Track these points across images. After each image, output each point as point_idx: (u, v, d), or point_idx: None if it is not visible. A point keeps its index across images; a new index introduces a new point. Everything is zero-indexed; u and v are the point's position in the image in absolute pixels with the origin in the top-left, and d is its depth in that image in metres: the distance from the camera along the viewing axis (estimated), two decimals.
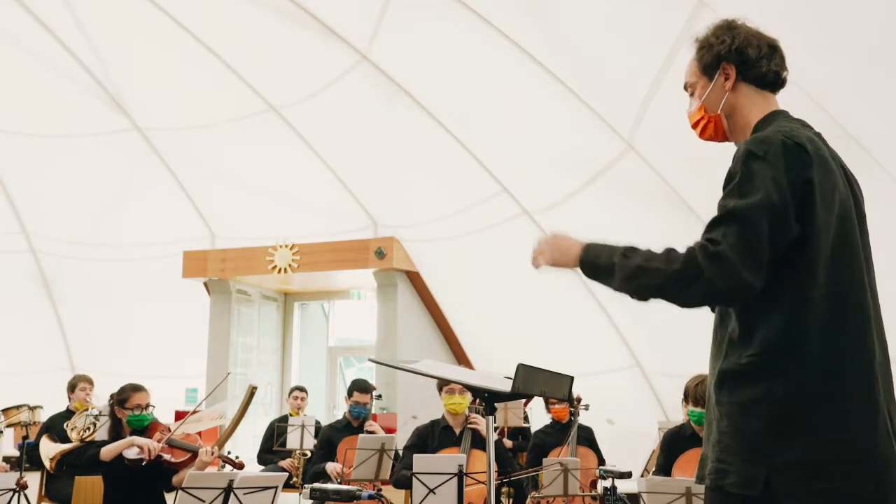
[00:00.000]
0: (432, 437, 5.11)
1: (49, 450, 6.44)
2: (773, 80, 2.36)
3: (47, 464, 6.57)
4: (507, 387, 2.13)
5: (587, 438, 6.28)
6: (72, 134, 12.44)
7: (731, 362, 2.12)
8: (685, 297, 2.12)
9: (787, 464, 1.98)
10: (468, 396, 5.07)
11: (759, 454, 2.01)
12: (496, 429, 7.23)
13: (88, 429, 6.37)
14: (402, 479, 4.99)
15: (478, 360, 12.52)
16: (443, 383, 5.08)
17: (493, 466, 2.39)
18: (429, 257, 12.17)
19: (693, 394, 4.82)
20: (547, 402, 6.44)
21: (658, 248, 2.21)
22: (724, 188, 2.13)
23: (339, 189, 12.09)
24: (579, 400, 6.52)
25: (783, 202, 2.04)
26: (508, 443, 8.01)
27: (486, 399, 2.22)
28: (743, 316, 2.12)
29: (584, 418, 6.54)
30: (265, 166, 12.40)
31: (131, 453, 4.63)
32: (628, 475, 4.43)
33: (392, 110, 10.88)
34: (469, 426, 5.03)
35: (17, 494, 3.86)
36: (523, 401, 8.64)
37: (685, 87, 2.49)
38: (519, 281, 11.34)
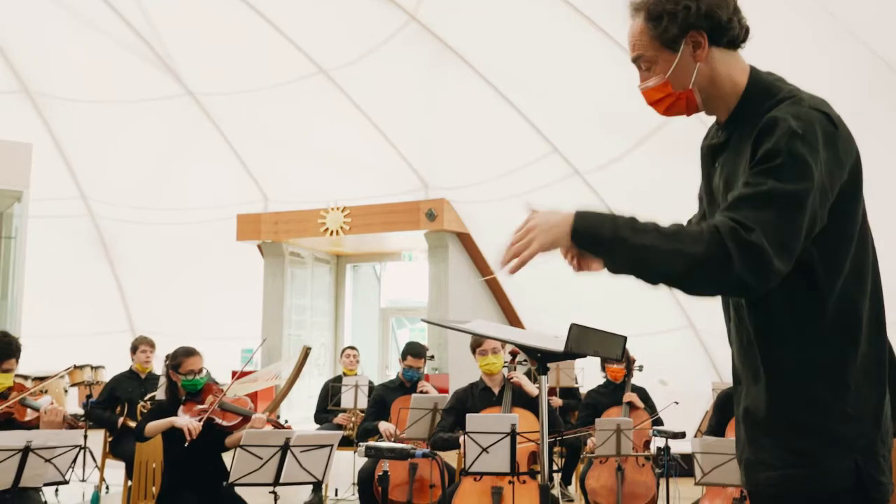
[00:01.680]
0: (472, 398, 5.13)
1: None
2: (744, 36, 2.03)
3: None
4: (559, 347, 2.13)
5: (641, 398, 6.28)
6: (127, 100, 12.63)
7: (778, 357, 1.93)
8: (703, 286, 1.88)
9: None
10: (502, 356, 5.07)
11: (802, 459, 1.88)
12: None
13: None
14: (439, 442, 5.03)
15: (529, 321, 12.54)
16: (475, 345, 5.08)
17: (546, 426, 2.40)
18: (479, 218, 12.17)
19: None
20: (602, 362, 6.43)
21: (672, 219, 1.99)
22: (760, 163, 1.85)
23: (389, 151, 12.11)
24: (633, 360, 6.51)
25: (824, 192, 1.82)
26: (557, 401, 8.02)
27: (539, 359, 2.22)
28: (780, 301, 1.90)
29: (637, 379, 6.53)
30: (316, 129, 12.47)
31: (184, 412, 4.75)
32: (682, 435, 4.43)
33: (441, 71, 10.83)
34: (511, 382, 5.00)
35: (83, 451, 3.99)
36: (574, 361, 8.64)
37: (634, 60, 2.09)
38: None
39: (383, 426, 6.07)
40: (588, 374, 8.60)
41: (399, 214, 12.34)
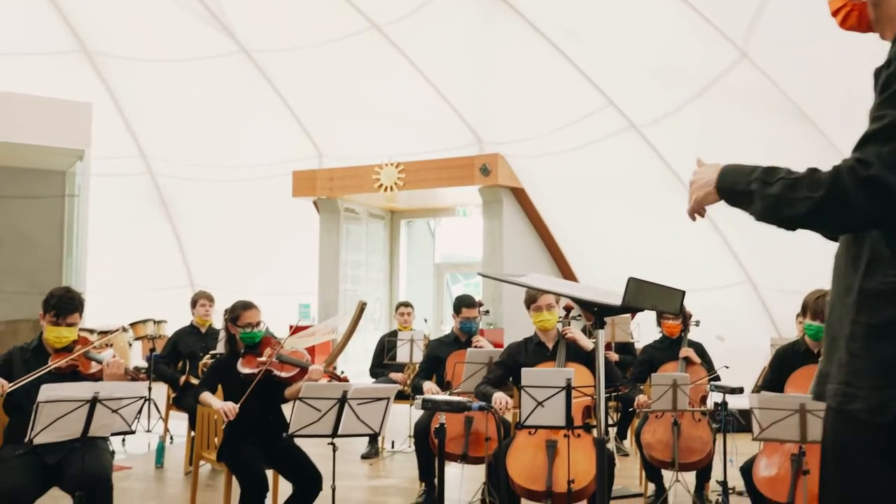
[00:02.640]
0: (525, 352, 5.11)
1: None
2: None
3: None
4: (616, 301, 2.11)
5: (698, 353, 6.22)
6: (182, 58, 12.73)
7: (875, 281, 1.93)
8: (832, 226, 1.97)
9: None
10: (556, 313, 5.04)
11: (892, 380, 1.88)
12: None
13: None
14: (479, 394, 5.04)
15: (584, 276, 12.49)
16: (530, 301, 5.05)
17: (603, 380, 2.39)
18: (534, 173, 12.08)
19: (812, 307, 4.70)
20: (659, 317, 6.38)
21: (784, 163, 2.01)
22: (881, 92, 1.91)
23: (443, 106, 12.05)
24: (689, 315, 6.45)
25: None
26: (613, 356, 8.00)
27: (596, 313, 2.21)
28: (892, 234, 1.92)
29: (693, 334, 6.47)
30: (370, 85, 12.44)
31: (243, 366, 4.84)
32: (740, 391, 4.39)
33: (495, 24, 10.70)
34: (565, 337, 4.98)
35: (147, 402, 4.10)
36: (630, 316, 8.59)
37: None
38: (625, 195, 11.18)
39: (426, 386, 6.12)
40: (644, 329, 8.55)
41: (453, 170, 12.31)
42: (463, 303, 6.45)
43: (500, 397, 4.81)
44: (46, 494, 4.22)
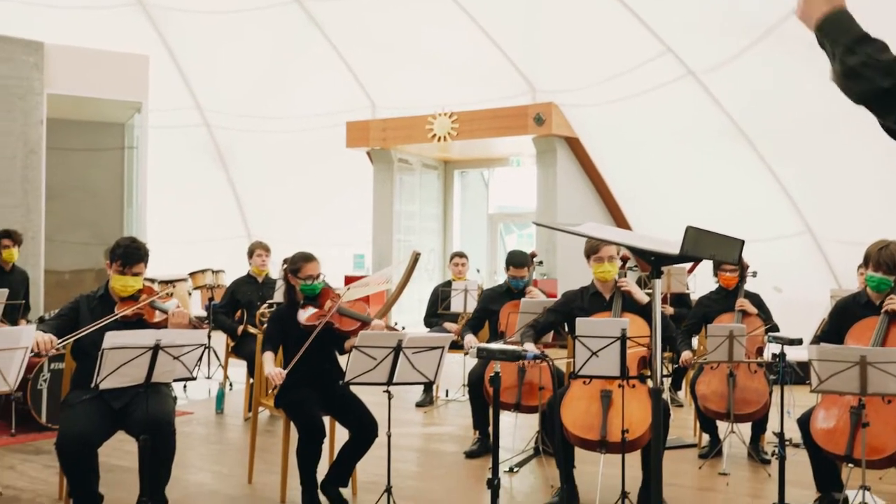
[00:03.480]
0: (582, 301, 5.07)
1: None
2: None
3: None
4: (674, 250, 2.09)
5: (755, 305, 6.14)
6: (236, 9, 12.75)
7: None
8: (886, 116, 1.92)
9: None
10: (617, 264, 4.99)
11: None
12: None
13: None
14: (521, 336, 5.03)
15: (638, 228, 12.36)
16: (591, 251, 4.99)
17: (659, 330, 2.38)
18: (589, 122, 11.92)
19: (875, 258, 4.58)
20: (715, 269, 6.29)
21: (851, 113, 1.98)
22: None
23: (496, 55, 11.91)
24: (746, 266, 6.35)
25: None
26: (668, 309, 7.94)
27: (653, 262, 2.19)
28: None
29: (750, 285, 6.38)
30: (423, 34, 12.35)
31: (304, 316, 4.90)
32: (798, 342, 4.32)
33: None
34: (620, 288, 4.94)
35: (207, 350, 4.19)
36: (687, 268, 8.50)
37: None
38: (682, 145, 10.99)
39: (467, 339, 6.13)
40: (700, 280, 8.46)
41: (506, 119, 12.21)
42: (512, 261, 6.41)
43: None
44: (113, 437, 4.37)
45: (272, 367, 4.79)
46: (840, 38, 1.96)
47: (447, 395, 8.27)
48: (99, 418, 4.21)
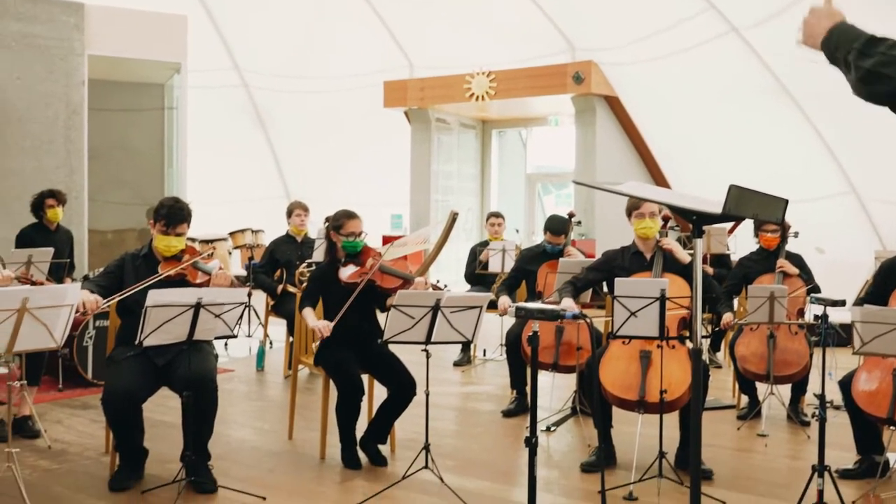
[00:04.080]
0: (622, 261, 5.02)
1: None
2: None
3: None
4: (716, 209, 2.06)
5: (796, 265, 6.05)
6: None
7: None
8: None
9: None
10: (658, 221, 4.92)
11: None
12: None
13: None
14: (559, 292, 4.99)
15: (678, 187, 12.22)
16: (632, 208, 4.92)
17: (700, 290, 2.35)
18: (628, 81, 11.76)
19: None
20: (756, 229, 6.20)
21: None
22: None
23: (534, 12, 11.76)
24: (788, 227, 6.25)
25: None
26: (709, 270, 7.86)
27: (694, 222, 2.16)
28: None
29: (792, 246, 6.28)
30: None
31: (345, 274, 4.92)
32: (841, 303, 4.25)
33: None
34: (662, 247, 4.88)
35: (248, 308, 4.24)
36: (727, 228, 8.39)
37: None
38: (725, 103, 10.81)
39: (501, 300, 6.13)
40: (740, 241, 8.37)
41: (545, 78, 12.08)
42: (550, 228, 6.35)
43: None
44: (157, 393, 4.45)
45: (317, 321, 4.81)
46: (850, 45, 1.94)
47: (485, 355, 8.31)
48: (143, 375, 4.30)
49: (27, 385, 5.11)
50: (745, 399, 6.07)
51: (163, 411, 5.56)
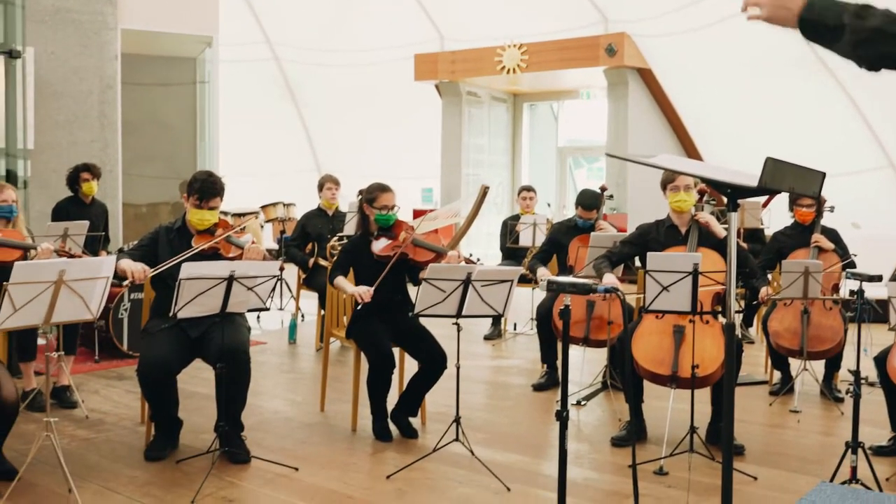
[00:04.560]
0: (656, 235, 4.97)
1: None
2: None
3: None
4: (752, 182, 2.03)
5: (832, 240, 5.97)
6: None
7: None
8: None
9: None
10: (693, 194, 4.86)
11: None
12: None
13: None
14: (596, 268, 4.96)
15: (712, 161, 12.08)
16: (667, 181, 4.86)
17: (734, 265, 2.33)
18: (662, 53, 11.61)
19: None
20: (791, 203, 6.12)
21: None
22: None
23: None
24: (824, 201, 6.17)
25: None
26: (742, 245, 7.78)
27: (729, 195, 2.13)
28: None
29: (826, 220, 6.20)
30: None
31: (378, 247, 4.93)
32: (877, 279, 4.20)
33: None
34: (698, 221, 4.83)
35: (280, 282, 4.27)
36: (762, 202, 8.30)
37: None
38: (760, 76, 10.65)
39: (541, 271, 6.10)
40: (774, 215, 8.27)
41: (577, 50, 11.96)
42: (581, 203, 6.30)
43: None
44: (191, 365, 4.51)
45: (355, 287, 4.81)
46: (839, 11, 1.86)
47: (515, 329, 8.31)
48: (177, 346, 4.35)
49: (64, 355, 5.20)
50: (777, 375, 6.03)
51: (196, 383, 5.63)
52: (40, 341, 5.57)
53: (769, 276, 6.11)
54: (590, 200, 6.30)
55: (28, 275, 3.57)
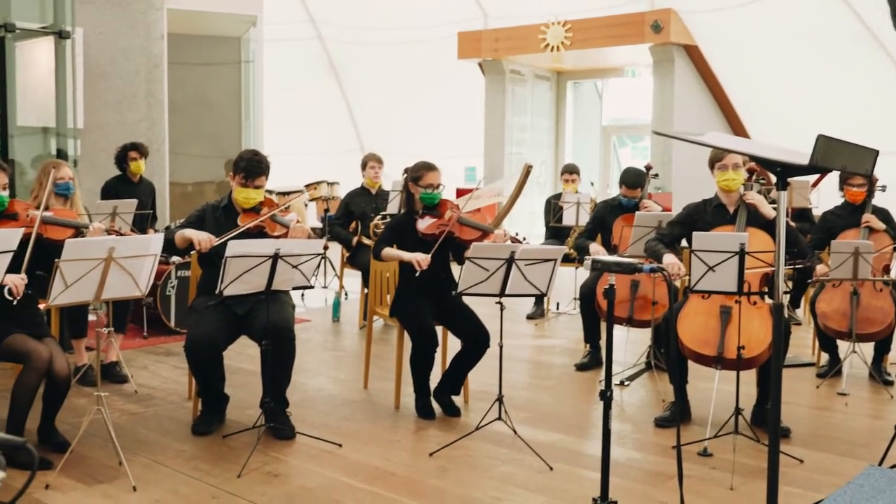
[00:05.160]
0: (704, 214, 4.90)
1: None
2: None
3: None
4: (803, 160, 1.99)
5: (883, 220, 5.84)
6: None
7: None
8: None
9: None
10: (742, 173, 4.78)
11: None
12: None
13: None
14: (650, 250, 4.90)
15: (760, 140, 11.89)
16: (715, 160, 4.78)
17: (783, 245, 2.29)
18: (709, 29, 11.41)
19: None
20: (842, 183, 5.99)
21: None
22: None
23: None
24: (875, 180, 6.04)
25: None
26: (791, 224, 7.65)
27: (779, 173, 2.09)
28: None
29: (878, 200, 6.07)
30: None
31: (423, 225, 4.92)
32: None
33: None
34: (746, 201, 4.75)
35: (324, 259, 4.30)
36: (810, 181, 8.15)
37: None
38: (810, 52, 10.44)
39: (593, 248, 6.05)
40: (823, 195, 8.12)
41: (622, 27, 11.81)
42: (625, 182, 6.23)
43: (673, 262, 4.65)
44: (237, 342, 4.57)
45: (412, 253, 4.78)
46: None
47: (558, 308, 8.29)
48: (223, 323, 4.41)
49: (114, 332, 5.30)
50: (825, 357, 5.94)
51: (242, 359, 5.71)
52: (91, 318, 5.68)
53: (819, 257, 6.01)
54: (634, 178, 6.23)
55: (79, 252, 3.63)
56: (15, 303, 3.87)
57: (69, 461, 3.88)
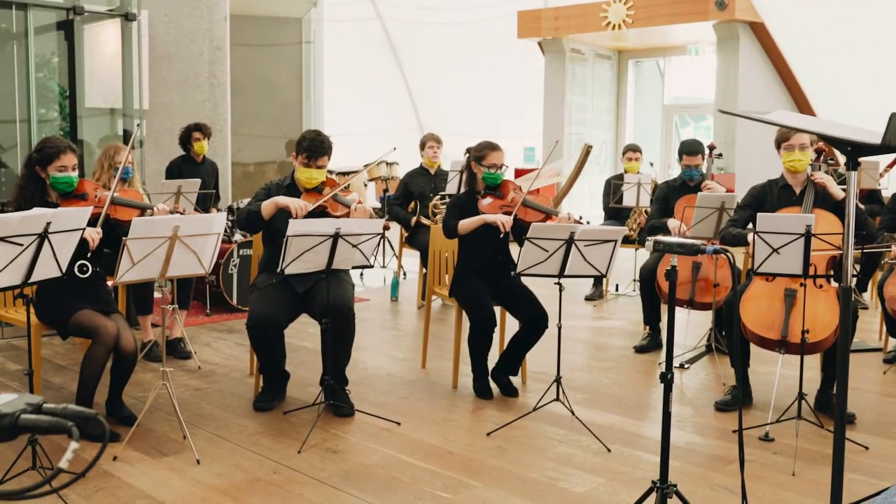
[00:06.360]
0: (770, 195, 4.79)
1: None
2: None
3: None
4: (875, 139, 1.93)
5: None
6: None
7: None
8: None
9: None
10: (809, 154, 4.66)
11: None
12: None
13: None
14: (728, 237, 4.81)
15: (829, 118, 11.59)
16: (781, 139, 4.67)
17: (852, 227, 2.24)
18: (775, 6, 11.14)
19: None
20: None
21: None
22: None
23: None
24: None
25: None
26: (860, 206, 7.45)
27: (849, 153, 2.04)
28: None
29: None
30: None
31: (485, 205, 4.91)
32: None
33: None
34: (815, 181, 4.64)
35: (383, 239, 4.31)
36: (880, 162, 7.93)
37: None
38: (882, 28, 10.12)
39: (672, 223, 5.96)
40: (893, 176, 7.91)
41: (685, 4, 11.60)
42: (685, 149, 6.15)
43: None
44: (297, 320, 4.63)
45: (493, 215, 4.75)
46: None
47: (617, 290, 8.22)
48: (284, 301, 4.47)
49: (178, 309, 5.41)
50: (892, 342, 5.79)
51: (303, 337, 5.78)
52: (156, 295, 5.81)
53: (893, 238, 5.84)
54: (693, 145, 6.16)
55: (145, 230, 3.71)
56: (88, 273, 3.99)
57: (135, 434, 3.98)
